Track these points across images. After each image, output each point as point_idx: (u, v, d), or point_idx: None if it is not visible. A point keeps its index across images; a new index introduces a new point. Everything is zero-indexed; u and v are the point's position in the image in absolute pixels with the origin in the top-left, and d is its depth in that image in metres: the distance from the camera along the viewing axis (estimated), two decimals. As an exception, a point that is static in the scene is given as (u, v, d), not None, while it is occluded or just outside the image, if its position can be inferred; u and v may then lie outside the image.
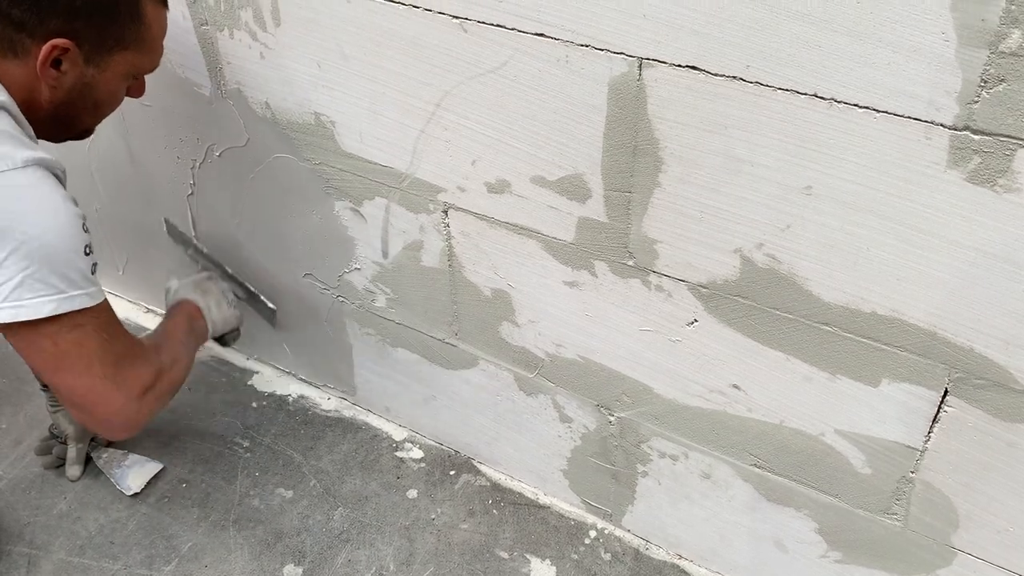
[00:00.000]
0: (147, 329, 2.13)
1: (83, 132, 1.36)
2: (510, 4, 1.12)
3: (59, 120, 1.27)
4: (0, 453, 1.86)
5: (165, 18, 1.30)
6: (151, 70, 1.33)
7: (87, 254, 1.19)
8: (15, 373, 2.03)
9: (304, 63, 1.38)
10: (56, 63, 1.18)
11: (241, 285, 1.80)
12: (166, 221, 1.84)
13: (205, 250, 1.81)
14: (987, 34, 0.85)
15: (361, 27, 1.28)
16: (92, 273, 1.22)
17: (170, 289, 1.69)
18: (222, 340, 1.73)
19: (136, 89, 1.36)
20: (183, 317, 1.58)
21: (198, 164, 1.70)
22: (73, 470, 1.79)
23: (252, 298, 1.81)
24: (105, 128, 1.77)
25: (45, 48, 1.15)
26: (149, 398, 1.33)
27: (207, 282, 1.69)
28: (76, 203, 1.19)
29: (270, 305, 1.80)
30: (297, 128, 1.48)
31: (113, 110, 1.34)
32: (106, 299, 1.26)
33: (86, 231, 1.19)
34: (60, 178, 1.21)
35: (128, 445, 1.84)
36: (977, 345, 1.06)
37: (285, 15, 1.34)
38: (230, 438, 1.89)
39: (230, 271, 1.79)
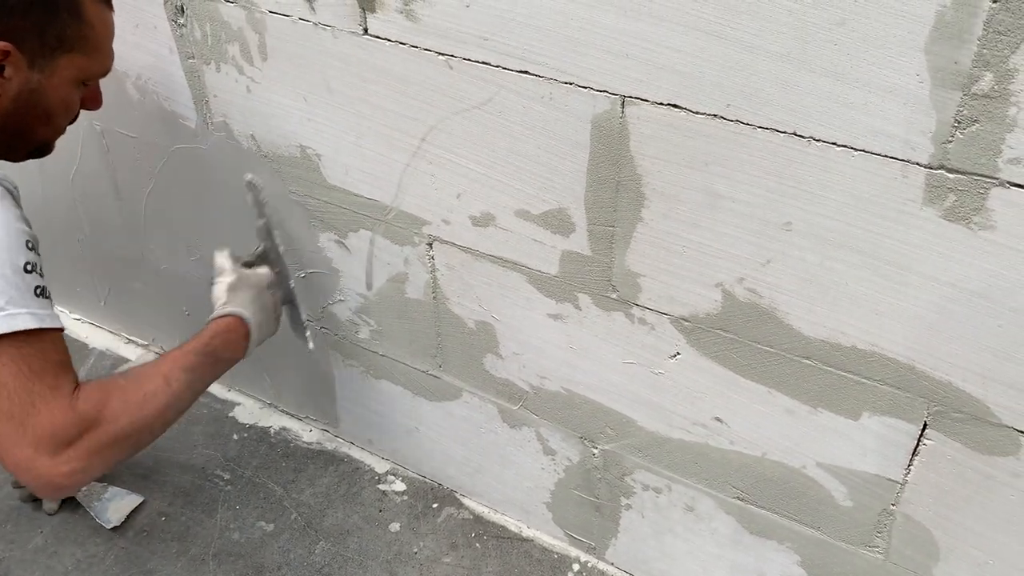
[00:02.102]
0: (127, 360, 2.12)
1: (41, 146, 1.28)
2: (495, 42, 1.14)
3: (10, 133, 1.19)
4: (-24, 486, 1.84)
5: (111, 19, 1.26)
6: (101, 75, 1.28)
7: (27, 271, 1.08)
8: (-7, 404, 2.01)
9: (290, 97, 1.39)
10: None
11: (292, 294, 1.58)
12: (249, 182, 1.54)
13: (279, 238, 1.55)
14: (960, 76, 0.87)
15: (347, 62, 1.29)
16: (36, 295, 1.09)
17: (222, 274, 1.45)
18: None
19: (91, 99, 1.29)
20: (211, 351, 1.32)
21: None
22: (50, 503, 1.77)
23: (293, 312, 1.60)
24: (90, 159, 1.78)
25: None
26: (72, 454, 1.09)
27: (267, 293, 1.47)
28: (28, 223, 1.14)
29: (304, 321, 1.61)
30: (283, 161, 1.49)
31: (69, 121, 1.28)
32: (49, 329, 1.10)
33: (31, 249, 1.11)
34: (13, 194, 1.16)
35: (107, 478, 1.82)
36: (955, 379, 1.07)
37: (272, 50, 1.36)
38: (211, 470, 1.88)
39: (291, 277, 1.58)
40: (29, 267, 1.09)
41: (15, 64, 1.13)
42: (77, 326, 2.24)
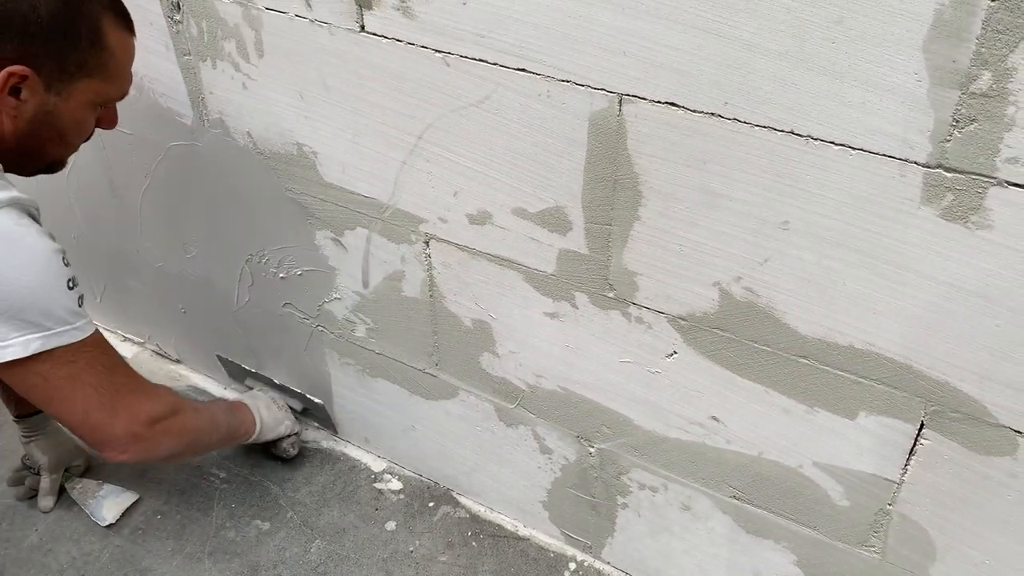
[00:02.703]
0: (125, 358, 2.11)
1: (53, 164, 1.32)
2: (492, 39, 1.13)
3: (25, 153, 1.22)
4: (-30, 484, 1.83)
5: (132, 45, 1.27)
6: (119, 99, 1.30)
7: (71, 288, 1.19)
8: (-12, 402, 2.00)
9: (287, 94, 1.39)
10: (15, 91, 1.14)
11: (293, 395, 1.89)
12: (220, 357, 1.97)
13: (256, 376, 1.94)
14: (958, 75, 0.87)
15: (344, 59, 1.29)
16: (79, 306, 1.21)
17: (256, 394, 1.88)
18: (280, 448, 1.84)
19: (107, 120, 1.32)
20: (225, 404, 1.72)
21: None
22: (46, 501, 1.76)
23: (304, 403, 1.89)
24: (85, 157, 1.77)
25: (1, 75, 1.11)
26: (158, 429, 1.35)
27: (254, 392, 1.90)
28: (54, 238, 1.18)
29: (317, 401, 1.86)
30: (279, 158, 1.49)
31: (83, 141, 1.31)
32: (98, 331, 1.25)
33: (67, 264, 1.18)
34: (35, 216, 1.19)
35: (103, 475, 1.81)
36: (952, 379, 1.07)
37: (268, 46, 1.35)
38: (207, 469, 1.87)
39: (277, 382, 1.89)
40: (71, 283, 1.20)
41: (32, 88, 1.15)
42: (73, 324, 2.23)
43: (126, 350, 2.16)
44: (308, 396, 1.86)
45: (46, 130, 1.22)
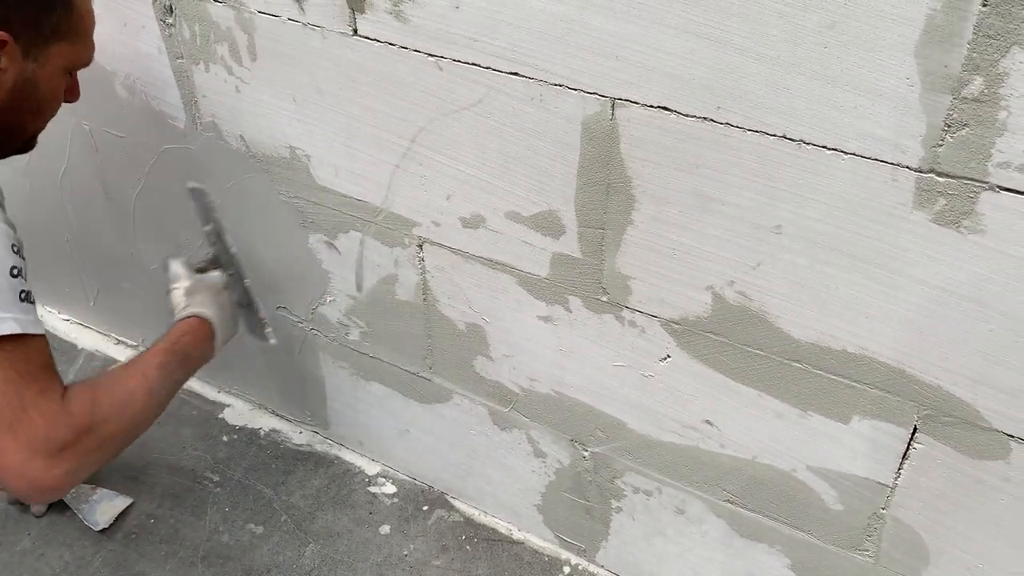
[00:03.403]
0: (117, 361, 2.11)
1: (27, 142, 1.27)
2: (485, 43, 1.13)
3: (5, 128, 1.19)
4: (-37, 488, 1.82)
5: (92, 8, 1.25)
6: (87, 63, 1.27)
7: (13, 275, 1.07)
8: (-20, 406, 2.00)
9: (279, 97, 1.38)
10: None
11: (248, 293, 1.62)
12: (192, 189, 1.57)
13: (230, 241, 1.58)
14: (950, 80, 0.87)
15: (336, 63, 1.28)
16: (20, 300, 1.07)
17: (178, 280, 1.48)
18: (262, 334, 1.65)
19: (71, 90, 1.27)
20: (181, 348, 1.37)
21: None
22: (39, 506, 1.76)
23: (251, 310, 1.64)
24: (78, 159, 1.77)
25: None
26: (67, 457, 1.09)
27: (224, 293, 1.52)
28: (13, 226, 1.12)
29: (263, 318, 1.64)
30: (272, 161, 1.48)
31: (53, 114, 1.27)
32: (33, 335, 1.09)
33: (16, 253, 1.09)
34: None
35: (96, 480, 1.81)
36: (945, 383, 1.07)
37: (261, 50, 1.35)
38: (200, 472, 1.87)
39: (245, 277, 1.61)
40: (15, 271, 1.08)
41: (11, 55, 1.12)
42: (65, 326, 2.23)
43: (119, 352, 2.16)
44: (263, 317, 1.64)
45: (26, 101, 1.17)
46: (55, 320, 2.24)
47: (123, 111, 1.62)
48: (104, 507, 1.77)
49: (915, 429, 1.13)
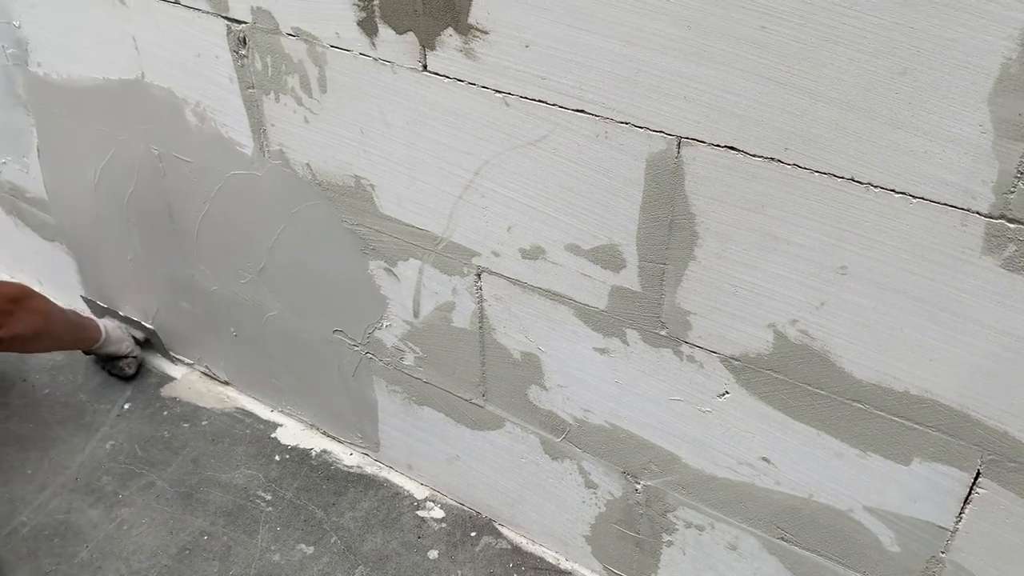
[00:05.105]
0: (173, 379, 2.16)
1: None
2: (553, 81, 1.15)
3: None
4: (25, 499, 1.87)
5: None
6: None
7: None
8: (41, 419, 2.05)
9: (348, 128, 1.42)
10: None
11: (134, 325, 2.21)
12: (83, 298, 2.27)
13: (108, 311, 2.24)
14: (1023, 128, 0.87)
15: (404, 97, 1.32)
16: None
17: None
18: (118, 367, 2.16)
19: None
20: (72, 310, 2.02)
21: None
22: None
23: (144, 332, 2.21)
24: (145, 182, 1.83)
25: None
26: (22, 306, 1.73)
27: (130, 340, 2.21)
28: None
29: (149, 326, 2.18)
30: (337, 189, 1.52)
31: None
32: None
33: None
34: None
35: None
36: (1012, 429, 1.06)
37: (331, 82, 1.39)
38: (252, 491, 1.90)
39: (122, 314, 2.22)
40: None
41: None
42: (125, 343, 2.29)
43: (176, 371, 2.20)
44: (144, 324, 2.18)
45: None
46: (114, 336, 2.29)
47: (192, 137, 1.67)
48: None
49: (978, 473, 1.12)
